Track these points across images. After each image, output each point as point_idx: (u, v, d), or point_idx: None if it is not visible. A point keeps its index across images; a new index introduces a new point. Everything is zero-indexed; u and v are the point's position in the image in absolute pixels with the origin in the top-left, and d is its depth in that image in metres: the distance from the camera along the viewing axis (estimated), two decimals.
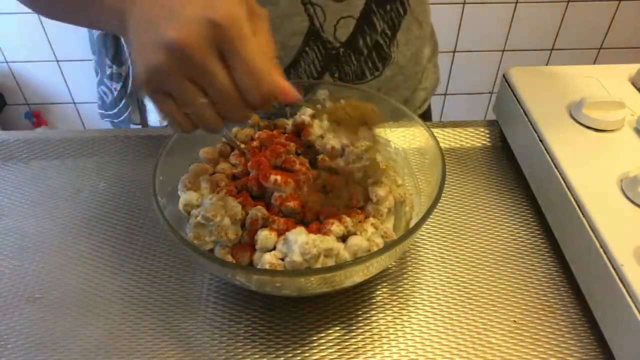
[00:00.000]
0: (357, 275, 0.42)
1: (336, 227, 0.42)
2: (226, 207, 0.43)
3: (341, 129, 0.45)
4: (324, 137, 0.51)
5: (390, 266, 0.49)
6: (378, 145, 0.50)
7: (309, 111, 0.54)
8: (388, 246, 0.40)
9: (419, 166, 0.52)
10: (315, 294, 0.45)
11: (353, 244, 0.42)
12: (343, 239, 0.43)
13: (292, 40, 0.60)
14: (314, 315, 0.45)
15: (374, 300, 0.47)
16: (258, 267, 0.41)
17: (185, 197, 0.45)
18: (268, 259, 0.41)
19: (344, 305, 0.46)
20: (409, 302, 0.46)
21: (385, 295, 0.47)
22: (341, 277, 0.41)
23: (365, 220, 0.45)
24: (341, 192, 0.47)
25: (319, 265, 0.40)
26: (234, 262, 0.42)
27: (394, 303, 0.46)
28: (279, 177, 0.44)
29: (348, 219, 0.43)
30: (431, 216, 0.42)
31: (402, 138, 0.55)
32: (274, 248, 0.42)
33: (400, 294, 0.47)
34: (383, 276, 0.48)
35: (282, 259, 0.41)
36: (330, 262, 0.41)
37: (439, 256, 0.50)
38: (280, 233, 0.42)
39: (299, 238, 0.40)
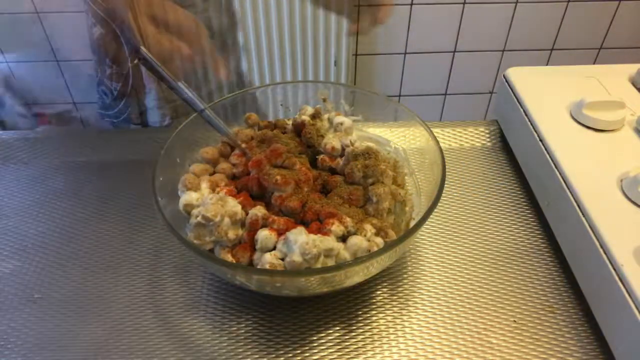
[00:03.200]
0: (357, 276, 0.42)
1: (336, 227, 0.42)
2: (226, 207, 0.43)
3: None
4: (324, 137, 0.51)
5: (390, 266, 0.49)
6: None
7: (310, 110, 0.54)
8: (388, 246, 0.40)
9: (419, 166, 0.52)
10: (315, 294, 0.45)
11: (353, 243, 0.42)
12: (343, 239, 0.43)
13: None
14: (313, 316, 0.45)
15: (374, 300, 0.47)
16: (258, 267, 0.41)
17: (185, 197, 0.45)
18: (268, 259, 0.41)
19: (344, 305, 0.46)
20: (409, 302, 0.46)
21: (385, 295, 0.47)
22: (341, 277, 0.41)
23: (365, 220, 0.45)
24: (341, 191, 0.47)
25: (319, 266, 0.40)
26: (234, 262, 0.42)
27: (394, 303, 0.46)
28: (279, 177, 0.44)
29: (348, 219, 0.43)
30: (431, 216, 0.42)
31: (402, 138, 0.55)
32: (274, 248, 0.42)
33: (400, 294, 0.47)
34: (383, 276, 0.48)
35: (282, 259, 0.41)
36: (331, 262, 0.41)
37: (439, 256, 0.50)
38: (280, 233, 0.42)
39: (299, 238, 0.40)
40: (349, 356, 0.42)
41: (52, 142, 0.63)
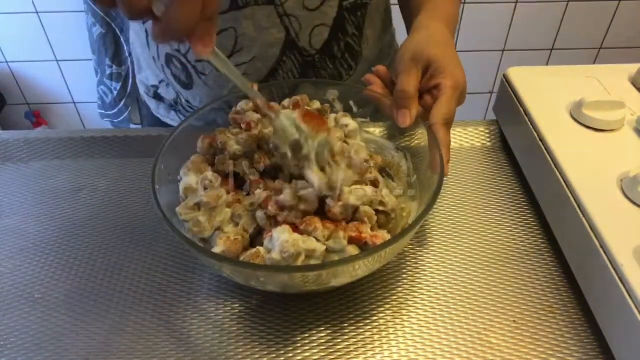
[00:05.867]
0: (343, 277, 0.41)
1: (319, 232, 0.42)
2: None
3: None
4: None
5: (389, 266, 0.49)
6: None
7: (316, 104, 0.54)
8: (371, 251, 0.40)
9: (419, 166, 0.52)
10: (303, 292, 0.45)
11: None
12: None
13: (270, 52, 0.61)
14: (314, 315, 0.45)
15: (373, 300, 0.47)
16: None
17: (186, 180, 0.45)
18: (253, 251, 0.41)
19: (344, 305, 0.46)
20: (409, 302, 0.46)
21: (385, 294, 0.47)
22: (325, 276, 0.40)
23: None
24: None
25: (298, 264, 0.40)
26: (224, 249, 0.42)
27: (394, 303, 0.46)
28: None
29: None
30: (431, 216, 0.42)
31: (402, 138, 0.55)
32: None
33: (399, 294, 0.47)
34: (382, 276, 0.48)
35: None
36: (315, 263, 0.41)
37: (439, 256, 0.50)
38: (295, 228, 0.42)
39: (282, 237, 0.40)
40: (349, 356, 0.42)
41: (52, 142, 0.63)
